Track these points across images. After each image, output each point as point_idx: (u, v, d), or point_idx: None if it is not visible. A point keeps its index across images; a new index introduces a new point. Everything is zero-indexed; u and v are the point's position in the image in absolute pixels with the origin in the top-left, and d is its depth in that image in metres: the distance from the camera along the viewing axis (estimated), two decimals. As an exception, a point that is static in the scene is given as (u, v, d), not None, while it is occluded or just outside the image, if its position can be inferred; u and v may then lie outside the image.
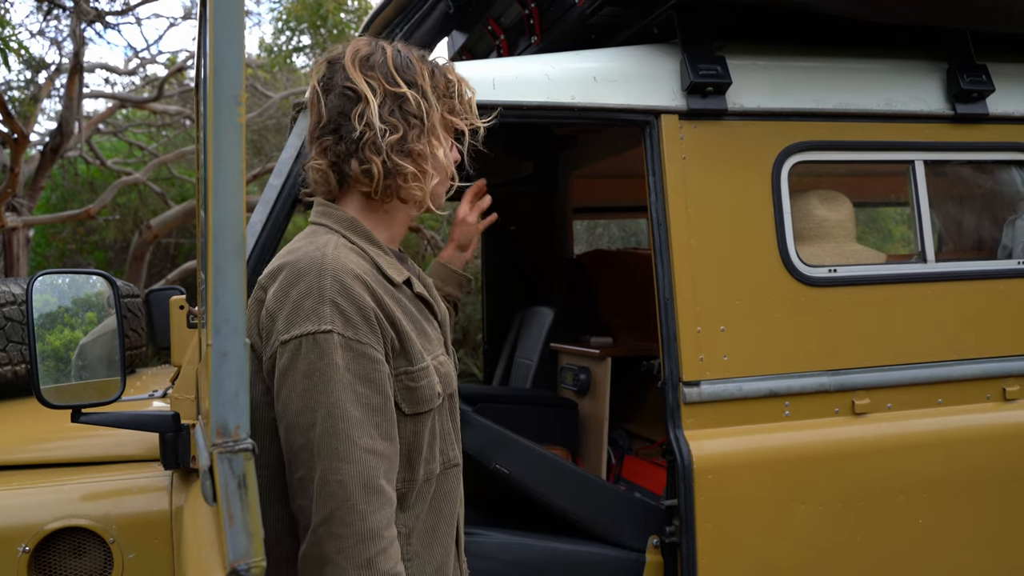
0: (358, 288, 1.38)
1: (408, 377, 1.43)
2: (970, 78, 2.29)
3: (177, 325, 2.26)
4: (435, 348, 1.52)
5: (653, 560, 2.05)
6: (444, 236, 9.95)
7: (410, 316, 1.48)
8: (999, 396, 2.27)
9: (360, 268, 1.41)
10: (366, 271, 1.42)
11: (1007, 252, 2.47)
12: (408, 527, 1.46)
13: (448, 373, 1.53)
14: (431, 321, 1.55)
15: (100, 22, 8.51)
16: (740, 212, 2.12)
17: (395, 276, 1.48)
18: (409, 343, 1.44)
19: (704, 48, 2.12)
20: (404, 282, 1.50)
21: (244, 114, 1.00)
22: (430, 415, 1.47)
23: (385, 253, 1.51)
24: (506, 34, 2.83)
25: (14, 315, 2.81)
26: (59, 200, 11.45)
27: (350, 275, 1.38)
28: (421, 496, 1.48)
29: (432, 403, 1.46)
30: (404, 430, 1.45)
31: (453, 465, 1.55)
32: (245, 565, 0.97)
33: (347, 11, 9.61)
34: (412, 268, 1.63)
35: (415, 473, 1.47)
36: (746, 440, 2.07)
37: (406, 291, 1.50)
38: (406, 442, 1.45)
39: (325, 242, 1.43)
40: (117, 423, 1.97)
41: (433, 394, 1.46)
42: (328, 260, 1.39)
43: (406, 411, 1.44)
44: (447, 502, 1.54)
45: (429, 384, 1.45)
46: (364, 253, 1.47)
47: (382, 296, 1.42)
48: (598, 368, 2.87)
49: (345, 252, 1.43)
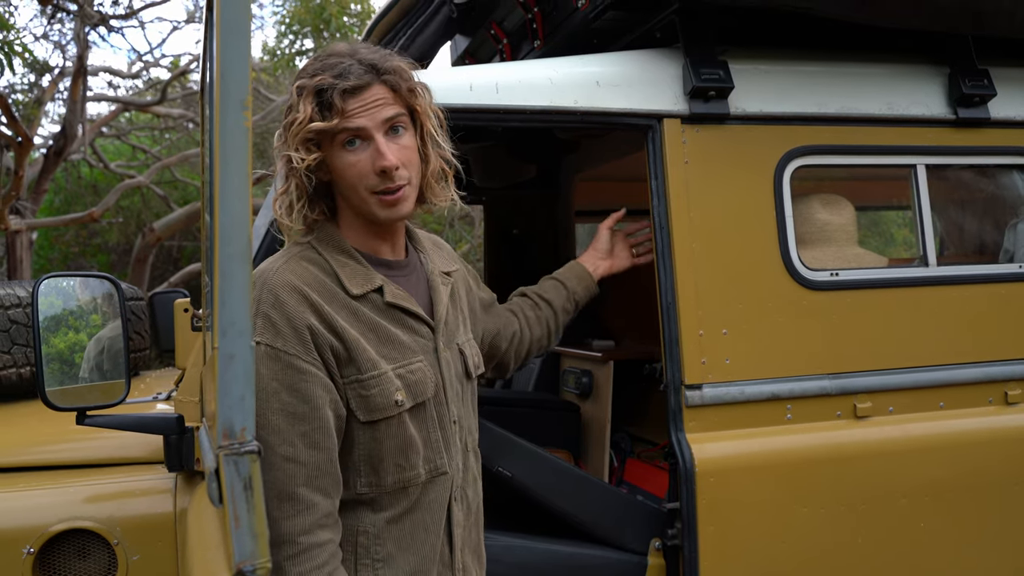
0: (292, 301, 1.41)
1: (359, 385, 1.45)
2: (972, 82, 2.29)
3: (181, 328, 2.27)
4: (406, 356, 1.52)
5: (655, 563, 2.05)
6: (447, 239, 9.96)
7: (368, 324, 1.48)
8: (1001, 400, 2.28)
9: (304, 280, 1.44)
10: (312, 283, 1.45)
11: (1009, 256, 2.47)
12: (377, 527, 1.49)
13: (419, 381, 1.52)
14: (410, 328, 1.55)
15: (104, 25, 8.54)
16: (742, 216, 2.12)
17: (353, 288, 1.49)
18: (358, 351, 1.45)
19: (707, 52, 2.12)
20: (375, 291, 1.51)
21: (250, 118, 1.01)
22: (389, 423, 1.48)
23: (355, 262, 1.52)
24: (509, 38, 2.83)
25: (19, 318, 2.82)
26: (62, 203, 11.48)
27: (286, 288, 1.42)
28: (394, 501, 1.50)
29: (387, 411, 1.47)
30: (362, 436, 1.47)
31: (440, 474, 1.55)
32: (251, 566, 0.97)
33: (350, 15, 9.63)
34: (415, 271, 1.63)
35: (381, 479, 1.49)
36: (748, 443, 2.07)
37: (374, 300, 1.51)
38: (366, 448, 1.48)
39: (280, 256, 1.49)
40: (121, 426, 1.98)
41: (388, 402, 1.47)
42: (270, 274, 1.44)
43: (361, 418, 1.47)
44: (431, 511, 1.54)
45: (382, 392, 1.46)
46: (326, 264, 1.49)
47: (324, 307, 1.44)
48: (600, 371, 2.87)
49: (295, 264, 1.47)
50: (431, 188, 1.59)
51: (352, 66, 1.46)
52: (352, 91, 1.45)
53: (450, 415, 1.58)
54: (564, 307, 2.06)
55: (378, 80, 1.48)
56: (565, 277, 2.09)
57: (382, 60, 1.49)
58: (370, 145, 1.47)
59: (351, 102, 1.45)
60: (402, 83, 1.50)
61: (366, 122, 1.46)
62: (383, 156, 1.46)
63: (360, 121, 1.45)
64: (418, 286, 1.62)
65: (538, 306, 2.04)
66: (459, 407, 1.61)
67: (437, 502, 1.55)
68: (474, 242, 9.89)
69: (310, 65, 1.49)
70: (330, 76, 1.45)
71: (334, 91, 1.43)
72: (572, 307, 2.08)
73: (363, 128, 1.46)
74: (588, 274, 2.11)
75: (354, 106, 1.45)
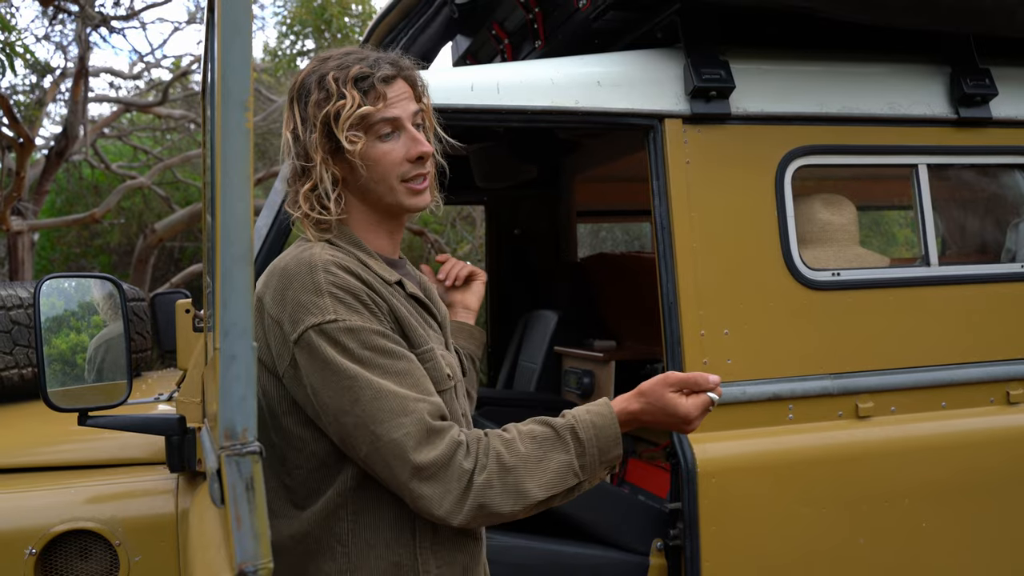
0: (350, 277, 1.43)
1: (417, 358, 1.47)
2: (973, 82, 2.29)
3: (183, 329, 2.26)
4: (434, 344, 1.54)
5: (657, 563, 2.05)
6: (448, 240, 9.96)
7: (405, 308, 1.51)
8: (1003, 399, 2.28)
9: (348, 262, 1.46)
10: (354, 265, 1.47)
11: (1010, 255, 2.47)
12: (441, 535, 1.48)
13: (450, 364, 1.56)
14: (429, 322, 1.58)
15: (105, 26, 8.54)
16: (744, 216, 2.12)
17: (386, 276, 1.52)
18: (410, 328, 1.48)
19: (708, 52, 2.12)
20: (396, 283, 1.53)
21: (251, 119, 1.00)
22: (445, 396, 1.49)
23: (373, 257, 1.54)
24: (510, 39, 2.84)
25: (21, 319, 2.83)
26: (64, 204, 11.49)
27: (339, 267, 1.43)
28: None
29: (443, 383, 1.50)
30: None
31: None
32: (252, 567, 0.97)
33: (351, 15, 9.63)
34: (410, 273, 1.65)
35: None
36: (750, 443, 2.07)
37: (399, 291, 1.53)
38: None
39: (310, 246, 1.49)
40: (123, 426, 1.98)
41: (442, 375, 1.50)
42: (316, 258, 1.44)
43: None
44: None
45: (435, 366, 1.49)
46: (351, 255, 1.51)
47: (374, 284, 1.46)
48: (602, 371, 2.87)
49: (331, 251, 1.48)
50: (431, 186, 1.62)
51: (379, 59, 1.51)
52: (387, 80, 1.50)
53: (458, 408, 1.60)
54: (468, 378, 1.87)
55: (401, 75, 1.53)
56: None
57: (400, 58, 1.55)
58: (402, 135, 1.51)
59: (388, 90, 1.50)
60: (418, 81, 1.57)
61: (401, 112, 1.50)
62: (420, 143, 1.51)
63: (396, 111, 1.50)
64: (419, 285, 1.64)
65: None
66: (463, 403, 1.63)
67: None
68: (475, 242, 9.89)
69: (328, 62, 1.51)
70: (364, 66, 1.49)
71: (373, 78, 1.48)
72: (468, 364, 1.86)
73: (399, 118, 1.50)
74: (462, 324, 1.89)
75: (391, 95, 1.50)
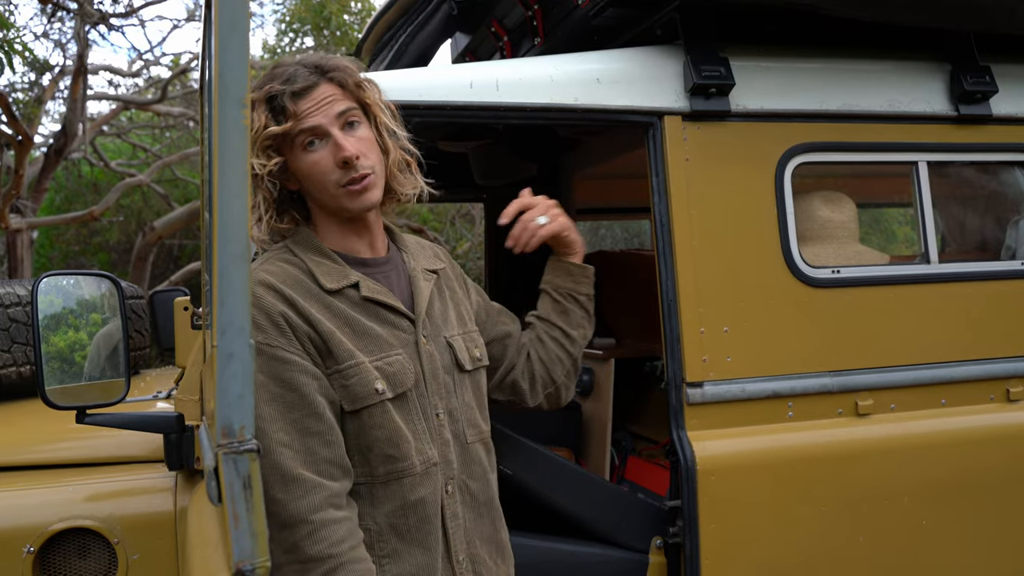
0: (268, 296, 1.47)
1: (339, 375, 1.49)
2: (973, 79, 2.29)
3: (181, 326, 2.27)
4: (383, 349, 1.54)
5: (657, 561, 2.05)
6: (447, 237, 9.96)
7: (343, 318, 1.52)
8: (1003, 397, 2.27)
9: (278, 278, 1.50)
10: (286, 279, 1.51)
11: (1011, 253, 2.46)
12: (378, 523, 1.51)
13: (398, 372, 1.54)
14: (388, 322, 1.58)
15: (104, 24, 8.52)
16: (743, 213, 2.12)
17: (328, 283, 1.53)
18: (334, 343, 1.49)
19: (707, 49, 2.12)
20: (351, 286, 1.55)
21: (248, 116, 1.00)
22: (372, 412, 1.50)
23: (331, 261, 1.57)
24: (509, 36, 2.83)
25: (19, 316, 2.82)
26: (63, 202, 11.48)
27: (260, 285, 1.48)
28: (392, 494, 1.52)
29: (369, 399, 1.50)
30: (350, 426, 1.51)
31: (432, 464, 1.57)
32: (250, 565, 0.97)
33: (350, 13, 9.62)
34: (395, 269, 1.65)
35: (373, 468, 1.51)
36: (749, 441, 2.07)
37: (350, 295, 1.55)
38: (354, 438, 1.51)
39: (257, 260, 1.55)
40: (121, 424, 1.98)
41: (368, 391, 1.50)
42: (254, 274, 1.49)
43: (346, 408, 1.50)
44: (431, 504, 1.55)
45: (360, 381, 1.49)
46: (302, 263, 1.55)
47: (298, 300, 1.49)
48: (601, 369, 2.87)
49: (271, 265, 1.53)
50: (396, 178, 1.64)
51: (297, 70, 1.53)
52: (301, 93, 1.51)
53: (433, 407, 1.59)
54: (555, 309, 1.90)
55: (324, 79, 1.54)
56: (543, 281, 1.94)
57: (325, 60, 1.56)
58: (328, 142, 1.53)
59: (302, 103, 1.51)
60: (348, 79, 1.56)
61: (320, 119, 1.51)
62: (342, 148, 1.51)
63: (314, 119, 1.51)
64: (399, 282, 1.65)
65: (533, 325, 1.91)
66: (447, 399, 1.62)
67: (433, 495, 1.56)
68: (474, 240, 9.89)
69: (259, 80, 1.55)
70: (278, 83, 1.51)
71: (284, 96, 1.50)
72: (566, 302, 1.90)
73: (318, 126, 1.51)
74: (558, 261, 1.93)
75: (306, 107, 1.51)
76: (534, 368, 1.88)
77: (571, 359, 1.91)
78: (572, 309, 1.91)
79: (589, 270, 1.93)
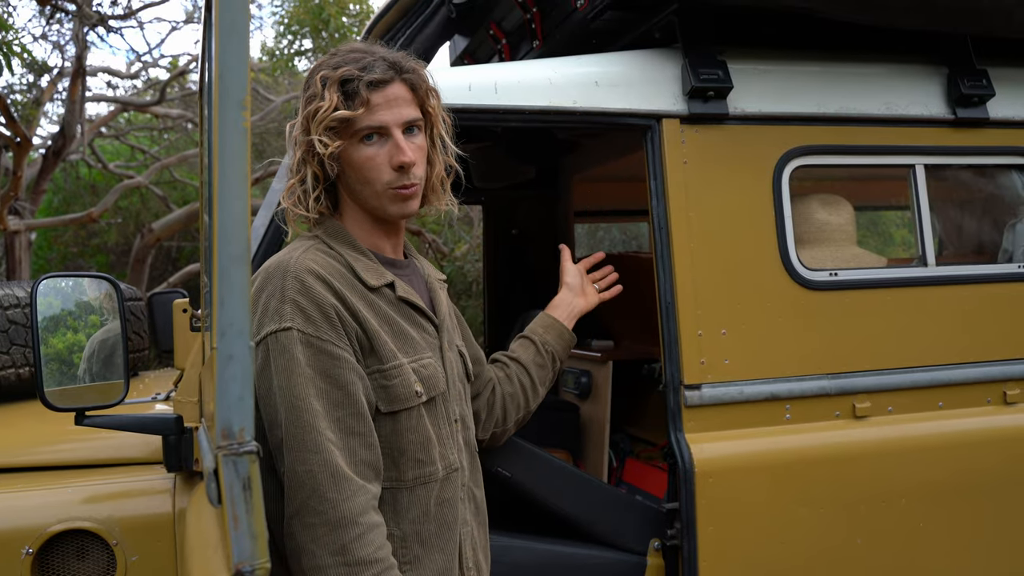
0: (319, 287, 1.42)
1: (381, 375, 1.47)
2: (970, 82, 2.29)
3: (180, 328, 2.26)
4: (418, 351, 1.53)
5: (654, 563, 2.05)
6: (445, 240, 9.95)
7: (384, 318, 1.50)
8: (1000, 400, 2.28)
9: (326, 269, 1.46)
10: (334, 272, 1.46)
11: (1007, 256, 2.47)
12: (402, 529, 1.48)
13: (432, 376, 1.53)
14: (419, 325, 1.56)
15: (102, 26, 8.52)
16: (741, 216, 2.12)
17: (370, 280, 1.50)
18: (379, 342, 1.47)
19: (705, 52, 2.12)
20: (387, 285, 1.53)
21: (249, 118, 1.00)
22: (410, 414, 1.49)
23: (366, 258, 1.53)
24: (508, 39, 2.83)
25: (17, 318, 2.82)
26: (61, 203, 11.47)
27: (311, 275, 1.43)
28: (417, 500, 1.49)
29: (408, 401, 1.48)
30: (384, 428, 1.48)
31: (453, 470, 1.56)
32: (250, 567, 0.97)
33: (349, 15, 9.62)
34: (415, 273, 1.64)
35: (402, 473, 1.48)
36: (747, 443, 2.07)
37: (387, 294, 1.52)
38: (387, 441, 1.48)
39: (296, 247, 1.50)
40: (120, 426, 1.98)
41: (409, 393, 1.48)
42: (292, 263, 1.45)
43: (383, 409, 1.47)
44: (450, 507, 1.54)
45: (403, 383, 1.48)
46: (340, 257, 1.51)
47: (347, 295, 1.45)
48: (599, 371, 2.87)
49: (314, 255, 1.48)
50: (434, 191, 1.62)
51: (376, 61, 1.49)
52: (376, 84, 1.48)
53: (452, 413, 1.59)
54: (535, 361, 1.96)
55: (399, 78, 1.51)
56: (531, 331, 2.00)
57: (403, 59, 1.53)
58: (388, 141, 1.50)
59: (375, 95, 1.48)
60: (421, 83, 1.54)
61: (388, 118, 1.49)
62: (403, 152, 1.49)
63: (383, 117, 1.48)
64: (419, 287, 1.63)
65: (507, 365, 1.96)
66: (461, 407, 1.62)
67: (452, 500, 1.55)
68: (473, 242, 9.88)
69: (330, 58, 1.52)
70: (355, 68, 1.47)
71: (359, 82, 1.46)
72: (547, 359, 1.97)
73: (385, 125, 1.49)
74: (555, 321, 2.01)
75: (378, 100, 1.48)
76: (495, 403, 1.88)
77: (527, 410, 1.95)
78: (548, 368, 1.97)
79: (574, 341, 2.02)
